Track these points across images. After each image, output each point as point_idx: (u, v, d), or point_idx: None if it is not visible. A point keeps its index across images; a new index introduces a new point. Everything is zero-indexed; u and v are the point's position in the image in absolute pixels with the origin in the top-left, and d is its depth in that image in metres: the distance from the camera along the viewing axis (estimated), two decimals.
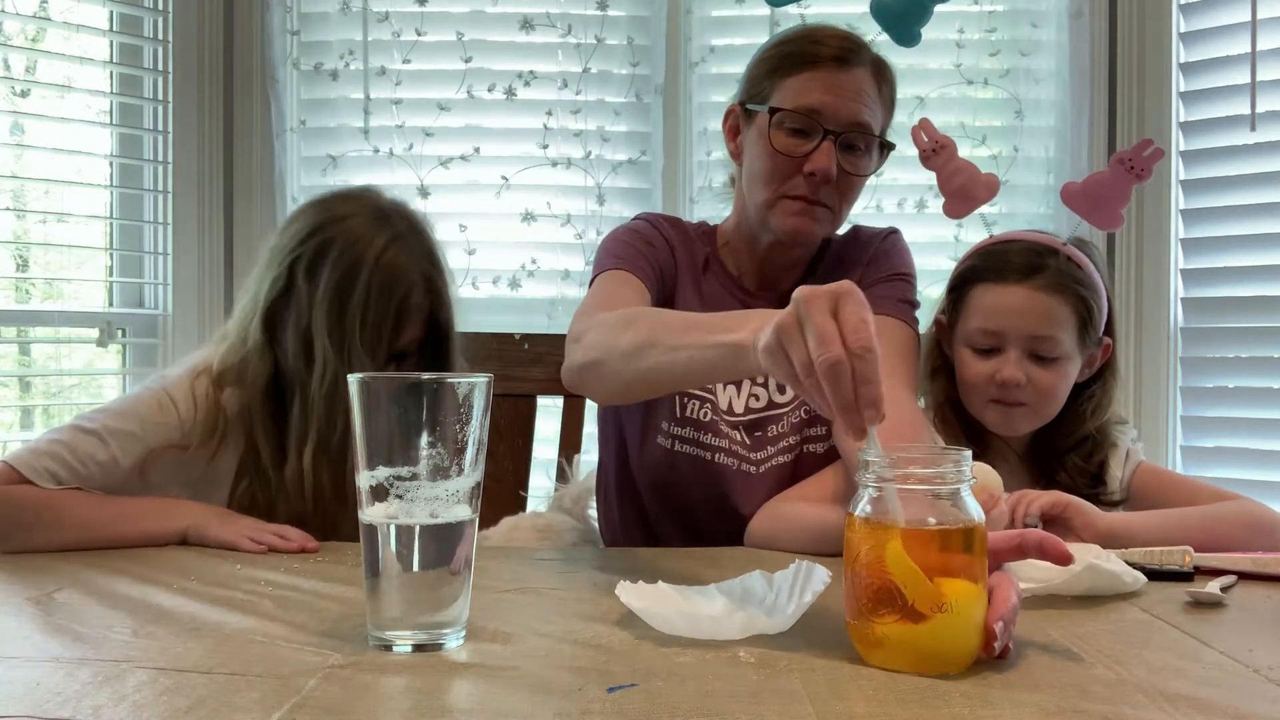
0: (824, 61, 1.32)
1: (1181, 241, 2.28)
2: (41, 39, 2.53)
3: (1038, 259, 1.30)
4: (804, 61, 1.33)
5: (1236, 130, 2.19)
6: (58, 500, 1.19)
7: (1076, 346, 1.31)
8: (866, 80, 1.33)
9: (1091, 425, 1.35)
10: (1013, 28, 2.31)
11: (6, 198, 2.33)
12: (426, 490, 0.78)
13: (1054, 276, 1.29)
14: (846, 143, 1.32)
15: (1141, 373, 2.26)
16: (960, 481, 0.74)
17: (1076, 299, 1.30)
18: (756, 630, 0.81)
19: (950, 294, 1.39)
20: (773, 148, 1.32)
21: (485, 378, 0.81)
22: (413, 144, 2.33)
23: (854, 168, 1.34)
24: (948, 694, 0.69)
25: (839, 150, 1.31)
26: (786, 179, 1.33)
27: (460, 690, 0.70)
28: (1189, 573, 1.04)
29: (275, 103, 2.33)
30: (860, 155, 1.34)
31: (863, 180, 1.37)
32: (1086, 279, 1.32)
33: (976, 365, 1.32)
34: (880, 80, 1.36)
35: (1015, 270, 1.30)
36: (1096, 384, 1.36)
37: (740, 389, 1.40)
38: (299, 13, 2.36)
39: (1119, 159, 1.27)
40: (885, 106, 1.37)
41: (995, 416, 1.33)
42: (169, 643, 0.80)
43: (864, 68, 1.33)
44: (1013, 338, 1.29)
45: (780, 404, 1.39)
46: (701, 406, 1.38)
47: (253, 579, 1.02)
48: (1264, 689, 0.71)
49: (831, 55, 1.32)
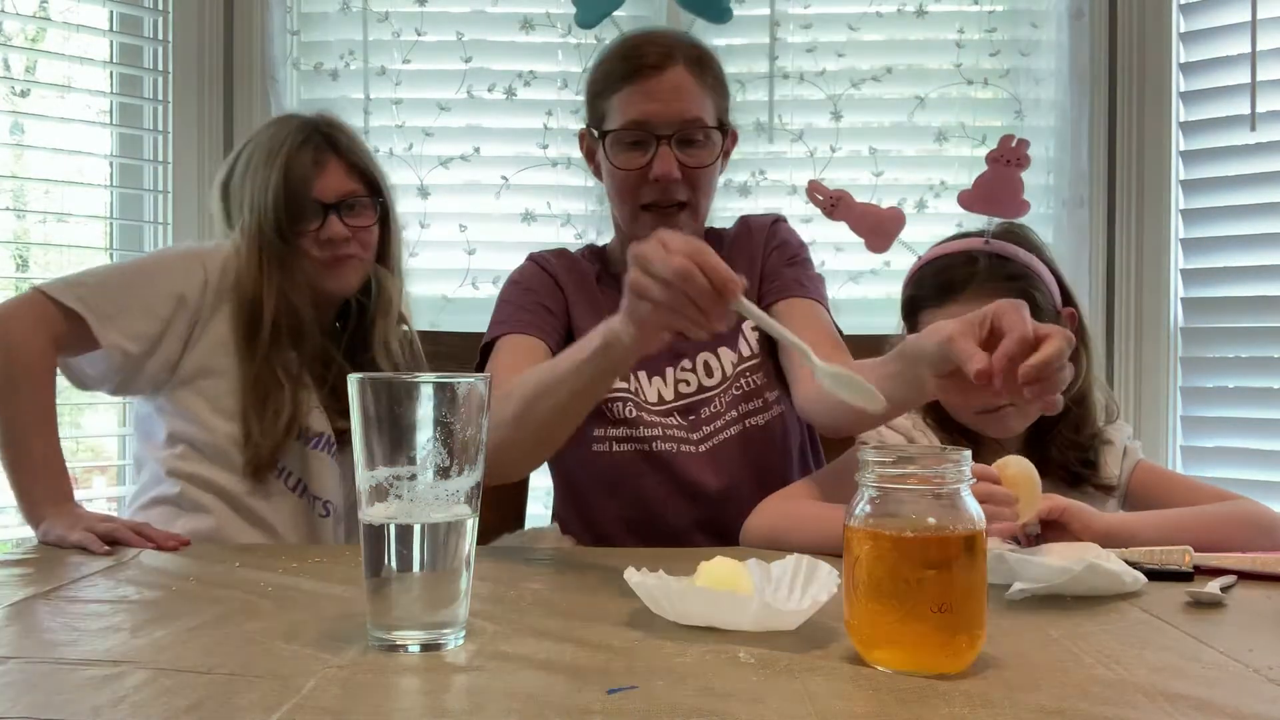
0: (640, 71, 1.38)
1: (1181, 241, 2.28)
2: (41, 39, 2.53)
3: (963, 271, 1.33)
4: (622, 77, 1.40)
5: (1236, 130, 2.19)
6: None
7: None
8: (684, 77, 1.39)
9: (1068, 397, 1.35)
10: (1013, 28, 2.31)
11: (6, 198, 2.33)
12: (426, 490, 0.78)
13: (984, 282, 1.31)
14: (682, 139, 1.39)
15: (1141, 373, 2.26)
16: (960, 481, 0.74)
17: (1013, 292, 1.29)
18: (769, 624, 0.81)
19: (905, 320, 1.42)
20: (615, 166, 1.41)
21: (485, 377, 0.81)
22: (413, 144, 2.33)
23: (696, 160, 1.40)
24: (948, 694, 0.69)
25: (677, 148, 1.39)
26: (637, 189, 1.41)
27: (460, 690, 0.70)
28: (1189, 573, 1.04)
29: (275, 103, 2.32)
30: (700, 147, 1.41)
31: (710, 169, 1.43)
32: (1016, 269, 1.33)
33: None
34: (701, 70, 1.41)
35: (950, 289, 1.33)
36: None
37: (666, 378, 1.46)
38: (299, 13, 2.36)
39: (992, 158, 1.30)
40: (712, 93, 1.42)
41: (988, 426, 1.34)
42: (169, 643, 0.80)
43: (679, 65, 1.39)
44: None
45: (710, 387, 1.46)
46: (625, 405, 1.44)
47: (253, 579, 1.02)
48: (1264, 689, 0.71)
49: (647, 64, 1.38)
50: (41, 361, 1.33)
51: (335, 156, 1.47)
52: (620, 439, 1.44)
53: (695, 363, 1.47)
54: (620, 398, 1.44)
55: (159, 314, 1.39)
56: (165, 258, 1.54)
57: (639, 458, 1.44)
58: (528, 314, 1.46)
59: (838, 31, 2.32)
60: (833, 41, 2.31)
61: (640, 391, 1.46)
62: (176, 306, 1.40)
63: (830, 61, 2.31)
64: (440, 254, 2.32)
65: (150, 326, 1.39)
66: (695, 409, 1.45)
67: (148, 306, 1.39)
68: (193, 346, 1.42)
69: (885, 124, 2.33)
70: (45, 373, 1.34)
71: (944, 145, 2.31)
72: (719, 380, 1.46)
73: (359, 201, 1.48)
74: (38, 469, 1.29)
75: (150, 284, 1.41)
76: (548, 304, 1.48)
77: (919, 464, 0.75)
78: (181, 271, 1.43)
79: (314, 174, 1.44)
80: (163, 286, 1.41)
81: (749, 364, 1.47)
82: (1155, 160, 2.27)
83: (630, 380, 1.45)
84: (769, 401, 1.47)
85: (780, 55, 2.32)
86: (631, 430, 1.44)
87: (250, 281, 1.42)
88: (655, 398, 1.46)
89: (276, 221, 1.42)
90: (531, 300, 1.47)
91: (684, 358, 1.46)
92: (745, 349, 1.48)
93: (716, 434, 1.44)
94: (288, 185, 1.42)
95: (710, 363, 1.47)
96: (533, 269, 1.53)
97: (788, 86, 2.31)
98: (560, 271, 1.52)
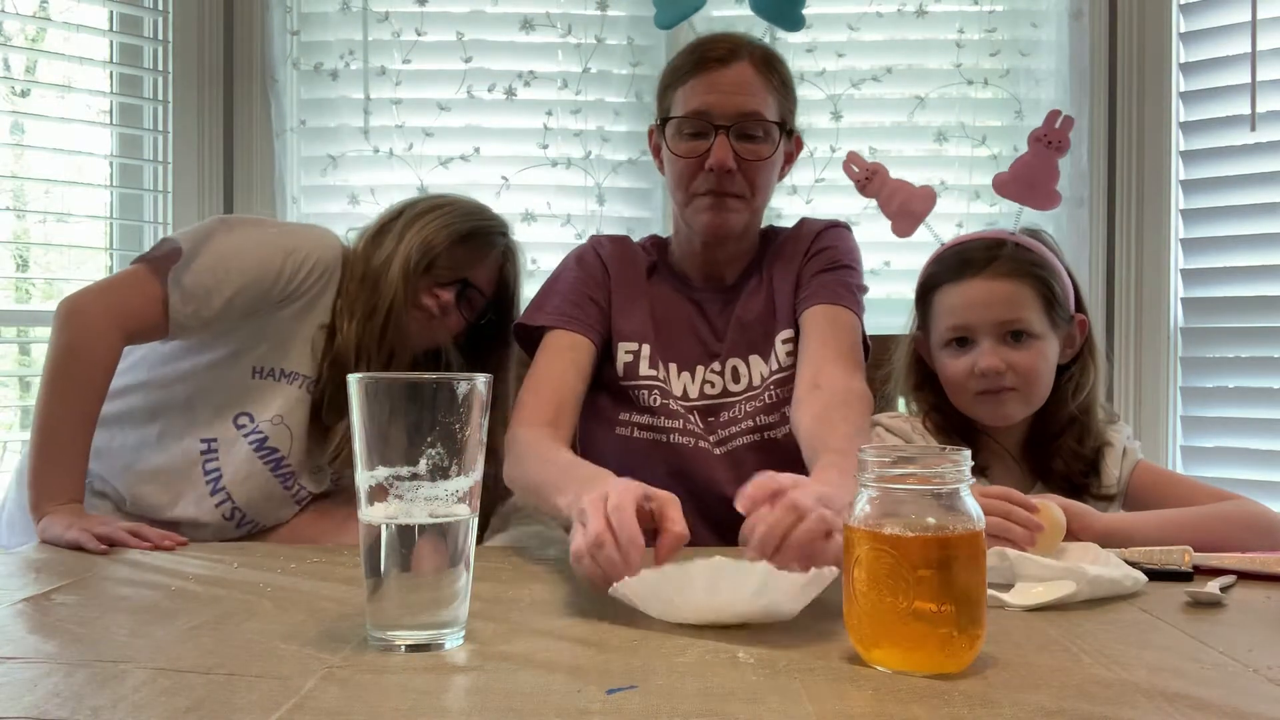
0: (707, 65, 1.41)
1: (1181, 241, 2.28)
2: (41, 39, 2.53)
3: (989, 251, 1.34)
4: (689, 70, 1.42)
5: (1236, 130, 2.19)
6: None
7: (1047, 325, 1.34)
8: (749, 72, 1.40)
9: (1074, 405, 1.36)
10: (1013, 28, 2.31)
11: (6, 198, 2.33)
12: (426, 490, 0.78)
13: (1008, 263, 1.33)
14: (741, 132, 1.40)
15: (1141, 373, 2.26)
16: (960, 481, 0.74)
17: (1035, 279, 1.33)
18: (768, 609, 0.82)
19: (918, 305, 1.43)
20: (675, 154, 1.43)
21: (484, 377, 0.81)
22: (413, 144, 2.33)
23: (753, 155, 1.41)
24: (948, 694, 0.69)
25: (736, 141, 1.39)
26: (693, 179, 1.42)
27: (460, 690, 0.70)
28: (1188, 573, 1.04)
29: (275, 103, 2.33)
30: (759, 142, 1.41)
31: (766, 164, 1.42)
32: (1041, 259, 1.35)
33: (955, 363, 1.35)
34: (767, 69, 1.42)
35: (971, 265, 1.34)
36: (1075, 365, 1.38)
37: (695, 375, 1.48)
38: (299, 13, 2.36)
39: (1035, 137, 1.32)
40: (777, 93, 1.43)
41: (985, 409, 1.34)
42: (169, 643, 0.80)
43: (744, 61, 1.41)
44: (983, 328, 1.32)
45: (735, 392, 1.47)
46: (651, 394, 1.46)
47: (252, 579, 1.02)
48: (1264, 689, 0.71)
49: (713, 58, 1.41)
50: (106, 359, 1.34)
51: (502, 265, 1.56)
52: (642, 426, 1.46)
53: (725, 366, 1.48)
54: (648, 385, 1.46)
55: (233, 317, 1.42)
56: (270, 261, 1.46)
57: (656, 447, 1.45)
58: (576, 307, 1.47)
59: (838, 31, 2.32)
60: (833, 41, 2.32)
61: (668, 381, 1.47)
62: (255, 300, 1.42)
63: (830, 61, 2.31)
64: None
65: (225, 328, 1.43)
66: (715, 411, 1.46)
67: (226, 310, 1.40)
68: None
69: (885, 124, 2.33)
70: (105, 374, 1.34)
71: (944, 145, 2.31)
72: (744, 387, 1.46)
73: (476, 301, 1.54)
74: (59, 462, 1.30)
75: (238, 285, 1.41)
76: (595, 296, 1.49)
77: (919, 464, 0.75)
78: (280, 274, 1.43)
79: (477, 260, 1.52)
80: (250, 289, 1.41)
81: (778, 376, 1.45)
82: (1155, 160, 2.27)
83: (660, 369, 1.46)
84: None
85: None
86: (654, 419, 1.45)
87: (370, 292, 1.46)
88: (680, 392, 1.47)
89: (423, 263, 1.46)
90: (580, 292, 1.49)
91: (716, 359, 1.48)
92: (775, 362, 1.47)
93: (732, 439, 1.44)
94: (456, 251, 1.48)
95: (739, 369, 1.48)
96: (590, 254, 1.54)
97: None
98: (612, 260, 1.53)
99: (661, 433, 1.45)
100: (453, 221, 1.49)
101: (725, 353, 1.48)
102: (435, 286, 1.48)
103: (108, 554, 1.15)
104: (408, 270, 1.45)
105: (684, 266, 1.54)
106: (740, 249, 1.51)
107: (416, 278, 1.46)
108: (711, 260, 1.51)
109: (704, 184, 1.41)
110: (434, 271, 1.48)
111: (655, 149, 1.53)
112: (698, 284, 1.53)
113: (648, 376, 1.46)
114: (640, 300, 1.51)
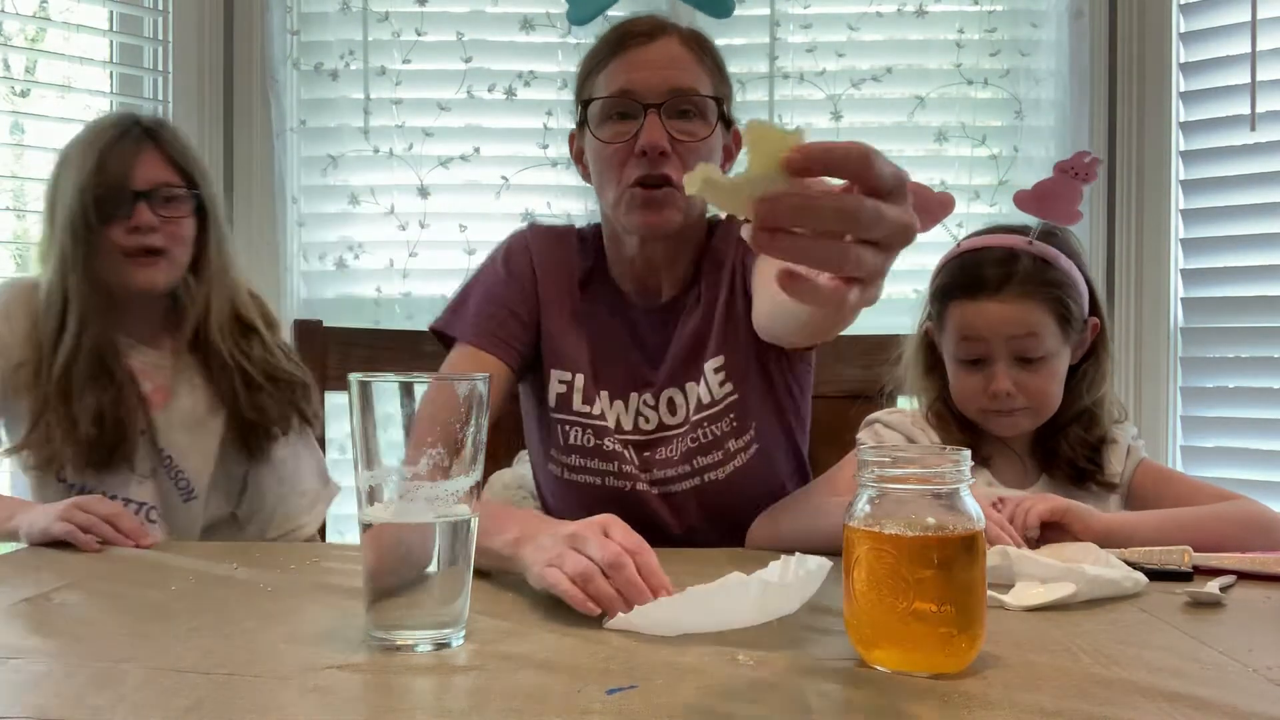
0: (629, 43, 1.27)
1: (1181, 241, 2.28)
2: (41, 39, 2.53)
3: (1005, 268, 1.30)
4: (609, 52, 1.28)
5: (1236, 130, 2.19)
6: None
7: (1060, 341, 1.32)
8: (677, 47, 1.27)
9: (1088, 400, 1.36)
10: (1013, 28, 2.31)
11: (6, 198, 2.33)
12: (426, 490, 0.78)
13: (1024, 283, 1.29)
14: (674, 110, 1.24)
15: (1141, 373, 2.26)
16: (960, 481, 0.74)
17: (1050, 300, 1.30)
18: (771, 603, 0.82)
19: (932, 303, 1.39)
20: (600, 141, 1.27)
21: (484, 377, 0.81)
22: (413, 144, 2.33)
23: (688, 134, 1.24)
24: (947, 694, 0.69)
25: (668, 120, 1.23)
26: (622, 167, 1.25)
27: (460, 690, 0.70)
28: (1188, 573, 1.04)
29: (275, 103, 2.33)
30: (693, 120, 1.25)
31: (705, 147, 1.26)
32: (1057, 275, 1.31)
33: (966, 380, 1.34)
34: (698, 47, 1.29)
35: (985, 285, 1.30)
36: (1089, 361, 1.37)
37: (628, 405, 1.34)
38: (299, 13, 2.36)
39: (1061, 168, 1.28)
40: (710, 73, 1.29)
41: (994, 424, 1.34)
42: (169, 643, 0.80)
43: (671, 37, 1.27)
44: (995, 347, 1.30)
45: (671, 425, 1.33)
46: (585, 433, 1.33)
47: (253, 579, 1.02)
48: (1263, 689, 0.71)
49: (636, 32, 1.27)
50: None
51: (154, 147, 1.43)
52: (572, 467, 1.34)
53: (659, 399, 1.34)
54: (581, 423, 1.34)
55: None
56: None
57: (589, 490, 1.34)
58: (493, 321, 1.33)
59: (838, 31, 2.32)
60: (833, 41, 2.32)
61: (604, 415, 1.34)
62: None
63: (830, 61, 2.31)
64: (440, 254, 2.32)
65: None
66: (651, 446, 1.33)
67: None
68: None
69: (885, 124, 2.33)
70: None
71: (944, 145, 2.31)
72: (681, 421, 1.33)
73: (173, 193, 1.43)
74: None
75: None
76: (519, 310, 1.35)
77: (919, 464, 0.75)
78: None
79: (130, 162, 1.40)
80: None
81: (707, 413, 1.31)
82: (1155, 160, 2.27)
83: (595, 402, 1.34)
84: (732, 451, 1.32)
85: (780, 55, 2.32)
86: (585, 460, 1.33)
87: (58, 279, 1.40)
88: (614, 423, 1.34)
89: (84, 210, 1.37)
90: (502, 306, 1.34)
91: (650, 388, 1.34)
92: (705, 394, 1.32)
93: (670, 482, 1.32)
94: (101, 173, 1.38)
95: (675, 400, 1.34)
96: (520, 256, 1.39)
97: (788, 86, 2.31)
98: (544, 266, 1.38)
99: (595, 474, 1.33)
100: (77, 159, 1.40)
101: (661, 382, 1.34)
102: (117, 222, 1.40)
103: (100, 550, 1.16)
104: (80, 229, 1.37)
105: (619, 278, 1.38)
106: (679, 253, 1.34)
107: (97, 232, 1.38)
108: (649, 268, 1.34)
109: (635, 172, 1.24)
110: (104, 211, 1.39)
111: (578, 155, 1.37)
112: (634, 298, 1.37)
113: (580, 414, 1.33)
114: (573, 318, 1.36)
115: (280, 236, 2.34)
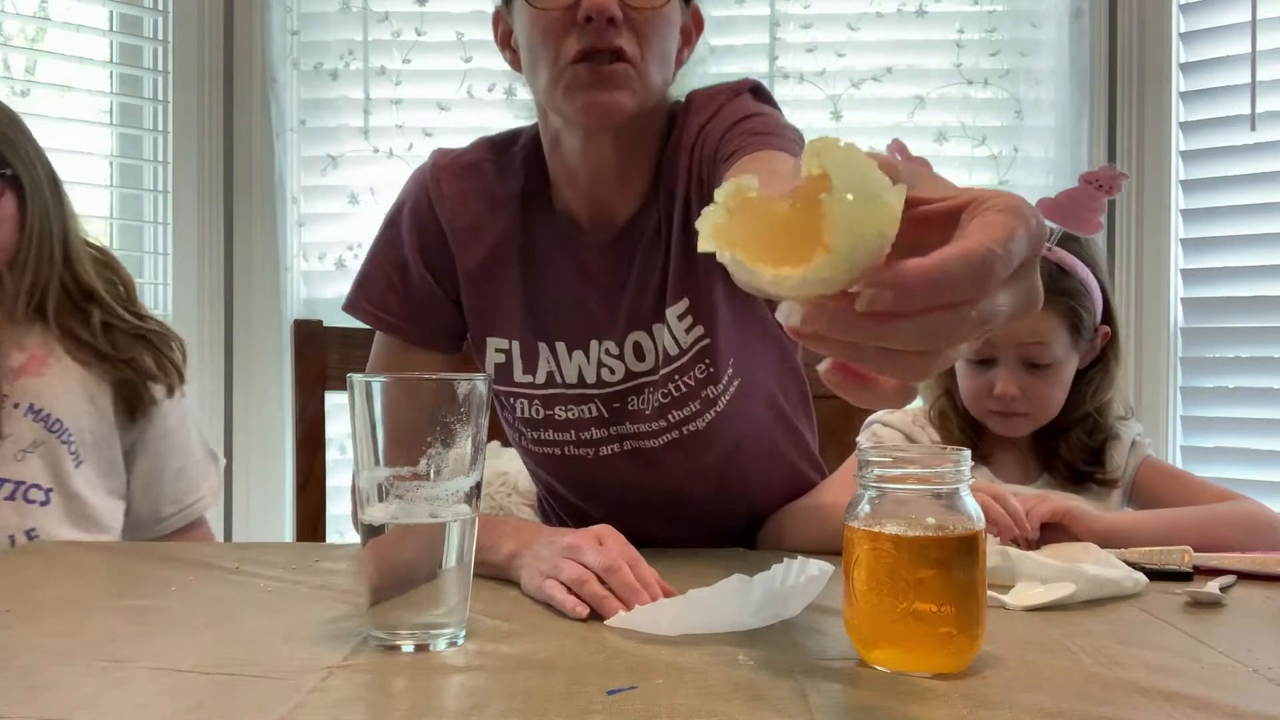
0: None
1: (1181, 241, 2.28)
2: (41, 39, 2.53)
3: None
4: None
5: (1236, 130, 2.19)
6: None
7: (1069, 349, 1.32)
8: None
9: (1091, 406, 1.36)
10: (1013, 28, 2.31)
11: None
12: (426, 490, 0.78)
13: None
14: None
15: (1141, 373, 2.26)
16: (960, 481, 0.74)
17: (1064, 309, 1.31)
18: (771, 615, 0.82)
19: None
20: (536, 8, 1.05)
21: (484, 377, 0.81)
22: (413, 144, 2.33)
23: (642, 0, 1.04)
24: (947, 694, 0.69)
25: None
26: (563, 39, 1.03)
27: (460, 690, 0.70)
28: (1188, 572, 1.04)
29: (275, 103, 2.33)
30: None
31: (660, 17, 1.06)
32: (1072, 285, 1.32)
33: (972, 379, 1.34)
34: None
35: None
36: (1096, 367, 1.38)
37: (589, 355, 1.16)
38: (299, 13, 2.36)
39: (1086, 179, 1.29)
40: None
41: (996, 424, 1.35)
42: (169, 643, 0.80)
43: None
44: (1004, 350, 1.31)
45: (640, 373, 1.15)
46: (532, 404, 1.18)
47: (253, 579, 1.02)
48: (1263, 688, 0.71)
49: None
50: None
51: None
52: (537, 441, 1.20)
53: (624, 344, 1.15)
54: (526, 394, 1.18)
55: None
56: None
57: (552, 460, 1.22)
58: (405, 304, 1.19)
59: (838, 31, 2.32)
60: (833, 41, 2.32)
61: (558, 371, 1.16)
62: None
63: (830, 61, 2.31)
64: None
65: None
66: (622, 398, 1.16)
67: None
68: None
69: (885, 124, 2.33)
70: None
71: (944, 145, 2.31)
72: (650, 368, 1.15)
73: None
74: None
75: None
76: (430, 280, 1.18)
77: (919, 464, 0.75)
78: None
79: None
80: None
81: (676, 364, 1.13)
82: (1155, 160, 2.27)
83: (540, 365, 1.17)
84: (711, 398, 1.14)
85: (780, 55, 2.32)
86: (540, 433, 1.19)
87: None
88: (575, 377, 1.16)
89: None
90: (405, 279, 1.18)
91: (611, 335, 1.15)
92: (672, 345, 1.13)
93: (643, 438, 1.17)
94: None
95: (643, 344, 1.15)
96: (424, 210, 1.20)
97: (788, 86, 2.31)
98: (456, 216, 1.18)
99: (553, 445, 1.19)
100: None
101: (623, 325, 1.15)
102: None
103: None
104: None
105: (563, 199, 1.17)
106: (634, 153, 1.13)
107: None
108: (596, 178, 1.13)
109: (577, 44, 1.02)
110: None
111: (505, 38, 1.16)
112: (583, 223, 1.16)
113: (522, 384, 1.18)
114: (503, 269, 1.16)
115: (280, 236, 2.34)
